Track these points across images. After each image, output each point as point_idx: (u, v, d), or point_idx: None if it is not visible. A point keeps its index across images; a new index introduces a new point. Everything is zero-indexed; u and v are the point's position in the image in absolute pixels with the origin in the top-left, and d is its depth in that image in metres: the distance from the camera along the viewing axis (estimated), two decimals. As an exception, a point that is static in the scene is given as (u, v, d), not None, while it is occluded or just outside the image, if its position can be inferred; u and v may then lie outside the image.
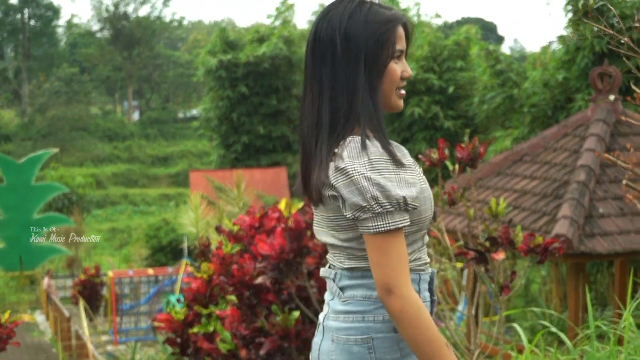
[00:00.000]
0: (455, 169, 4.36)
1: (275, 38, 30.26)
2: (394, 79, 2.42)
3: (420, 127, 21.44)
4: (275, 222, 5.19)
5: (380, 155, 2.30)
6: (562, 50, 17.05)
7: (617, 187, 10.19)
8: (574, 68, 16.32)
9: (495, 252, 4.02)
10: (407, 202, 2.29)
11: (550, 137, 11.90)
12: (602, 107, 11.33)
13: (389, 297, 2.26)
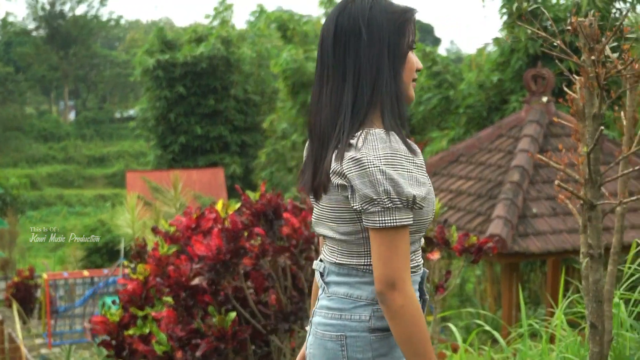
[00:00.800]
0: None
1: (214, 38, 30.16)
2: (412, 68, 2.47)
3: (357, 128, 21.53)
4: (212, 223, 5.17)
5: (396, 151, 2.30)
6: (497, 52, 17.26)
7: (549, 187, 10.36)
8: (509, 70, 16.53)
9: (431, 252, 4.06)
10: (415, 201, 2.30)
11: (485, 138, 12.05)
12: (536, 109, 11.51)
13: (391, 292, 2.27)
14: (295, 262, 4.81)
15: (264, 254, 4.77)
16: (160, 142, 30.60)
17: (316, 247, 4.74)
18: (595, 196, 3.41)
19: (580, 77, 3.45)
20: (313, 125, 2.47)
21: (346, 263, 2.42)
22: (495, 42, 17.03)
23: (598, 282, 3.46)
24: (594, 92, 3.39)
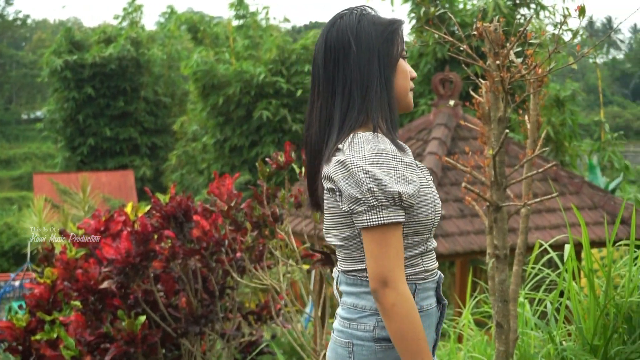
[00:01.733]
0: (302, 172, 4.41)
1: (123, 39, 29.79)
2: (406, 76, 2.51)
3: (268, 130, 21.50)
4: (121, 225, 5.12)
5: (381, 150, 2.33)
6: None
7: (457, 189, 10.52)
8: (417, 74, 16.74)
9: (341, 254, 4.08)
10: (402, 198, 2.31)
11: (395, 140, 12.15)
12: (444, 112, 11.67)
13: (383, 289, 2.30)
14: (206, 264, 4.79)
15: (174, 256, 4.74)
16: (69, 144, 30.11)
17: (226, 250, 4.73)
18: (501, 198, 3.48)
19: (485, 81, 3.52)
20: (306, 141, 2.51)
21: (351, 270, 2.44)
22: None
23: (504, 282, 3.53)
24: (499, 96, 3.46)
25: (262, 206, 4.40)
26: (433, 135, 11.43)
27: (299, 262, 4.34)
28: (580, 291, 4.75)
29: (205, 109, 22.14)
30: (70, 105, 29.42)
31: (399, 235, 2.34)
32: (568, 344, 4.47)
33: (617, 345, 4.44)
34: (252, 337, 5.24)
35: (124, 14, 32.60)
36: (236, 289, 5.04)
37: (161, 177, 29.19)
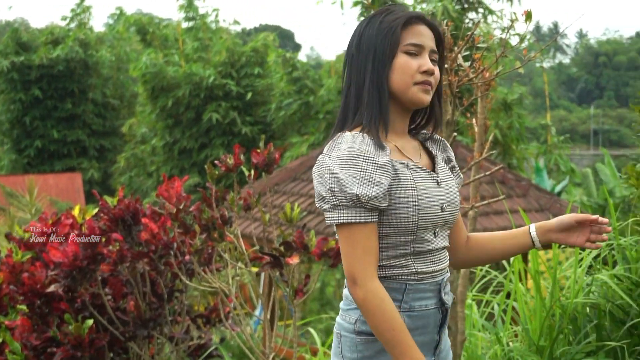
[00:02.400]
0: (251, 175, 4.41)
1: (71, 40, 29.46)
2: (405, 71, 2.48)
3: (218, 133, 21.43)
4: (68, 228, 5.07)
5: (354, 151, 2.38)
6: (356, 58, 17.50)
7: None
8: (368, 77, 16.80)
9: (290, 257, 4.09)
10: (361, 200, 2.36)
11: (344, 143, 12.19)
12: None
13: (353, 287, 2.39)
14: (154, 267, 4.76)
15: (122, 259, 4.71)
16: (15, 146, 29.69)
17: (175, 253, 4.71)
18: (449, 200, 3.51)
19: (434, 85, 3.54)
20: None
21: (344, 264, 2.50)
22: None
23: (452, 284, 3.56)
24: (447, 99, 3.49)
25: (211, 209, 4.38)
26: (382, 138, 11.48)
27: (248, 264, 4.33)
28: (526, 292, 4.80)
29: (155, 111, 22.01)
30: (17, 107, 29.02)
31: (368, 234, 2.40)
32: (515, 345, 4.52)
33: (562, 345, 4.50)
34: (200, 341, 5.21)
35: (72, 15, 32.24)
36: (185, 292, 5.02)
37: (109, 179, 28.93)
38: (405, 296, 2.49)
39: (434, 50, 2.53)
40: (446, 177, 2.59)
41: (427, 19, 2.55)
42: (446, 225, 2.57)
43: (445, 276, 2.58)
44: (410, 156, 2.54)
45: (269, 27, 65.30)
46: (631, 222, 5.18)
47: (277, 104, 19.78)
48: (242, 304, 4.57)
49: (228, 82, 21.45)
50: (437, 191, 2.51)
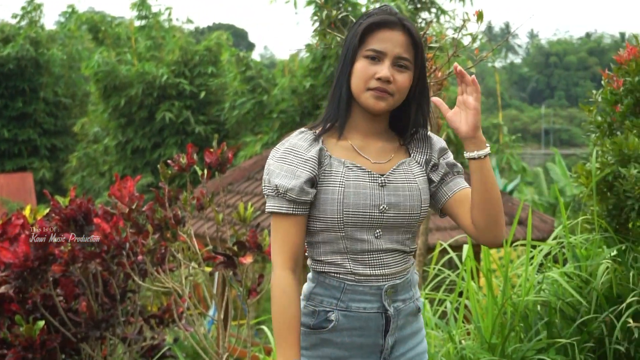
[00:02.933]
0: (204, 174, 4.39)
1: (22, 39, 29.12)
2: (360, 76, 2.52)
3: (171, 132, 21.32)
4: (19, 229, 5.01)
5: (291, 145, 2.53)
6: (309, 58, 17.53)
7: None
8: (321, 76, 16.84)
9: (243, 256, 4.08)
10: (279, 191, 2.50)
11: (298, 142, 12.20)
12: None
13: (271, 272, 2.54)
14: (107, 268, 4.73)
15: (74, 260, 4.66)
16: (-36, 145, 29.32)
17: (128, 253, 4.68)
18: (402, 199, 3.53)
19: (387, 84, 3.56)
20: None
21: None
22: (307, 48, 17.30)
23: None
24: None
25: (164, 209, 4.36)
26: (336, 138, 11.50)
27: (202, 264, 4.32)
28: (479, 291, 4.85)
29: (107, 111, 21.84)
30: (-33, 106, 28.68)
31: (287, 225, 2.52)
32: (467, 343, 4.56)
33: (514, 343, 4.54)
34: (154, 341, 5.19)
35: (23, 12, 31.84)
36: (138, 293, 4.99)
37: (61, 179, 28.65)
38: (343, 295, 2.53)
39: (401, 56, 2.53)
40: (401, 180, 2.57)
41: (401, 24, 2.55)
42: (395, 228, 2.56)
43: (393, 282, 2.57)
44: (368, 156, 2.58)
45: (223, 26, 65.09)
46: (581, 220, 5.25)
47: (231, 103, 19.73)
48: (196, 304, 4.55)
49: (181, 81, 21.36)
50: (375, 192, 2.52)
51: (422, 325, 2.72)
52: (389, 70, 2.52)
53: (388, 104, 2.54)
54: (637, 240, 5.14)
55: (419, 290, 2.73)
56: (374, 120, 2.62)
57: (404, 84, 2.54)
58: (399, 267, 2.58)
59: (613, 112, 5.23)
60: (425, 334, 2.75)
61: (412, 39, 2.55)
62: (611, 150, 5.00)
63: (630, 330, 4.53)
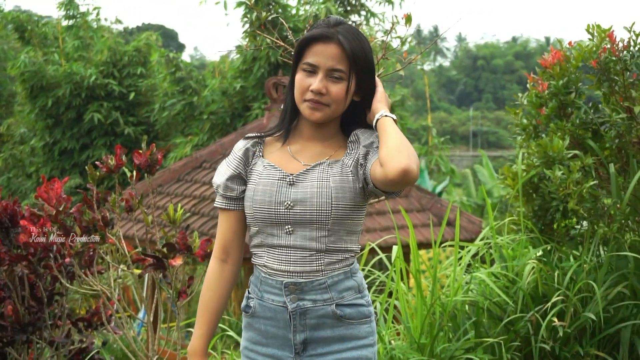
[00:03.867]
0: (133, 176, 4.36)
1: (-56, 37, 28.50)
2: (298, 88, 2.69)
3: (100, 133, 21.05)
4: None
5: (236, 149, 2.79)
6: (239, 59, 17.48)
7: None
8: (251, 77, 16.79)
9: (173, 258, 4.07)
10: (215, 187, 2.81)
11: (228, 144, 12.17)
12: (277, 116, 11.75)
13: None
14: (34, 270, 4.66)
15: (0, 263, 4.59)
16: None
17: (55, 255, 4.62)
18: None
19: (316, 86, 3.57)
20: None
21: None
22: (237, 49, 17.26)
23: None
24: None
25: (92, 210, 4.32)
26: (266, 139, 11.48)
27: (131, 267, 4.29)
28: (408, 291, 4.89)
29: (34, 111, 21.47)
30: None
31: (221, 218, 2.82)
32: (397, 343, 4.60)
33: (442, 343, 4.60)
34: (82, 344, 5.13)
35: None
36: (65, 295, 4.93)
37: (-14, 181, 28.15)
38: (260, 286, 2.72)
39: (335, 68, 2.64)
40: (312, 178, 2.66)
41: (336, 37, 2.65)
42: (305, 224, 2.64)
43: (295, 280, 2.65)
44: (302, 159, 2.71)
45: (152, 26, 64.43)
46: (507, 221, 5.33)
47: (161, 105, 19.57)
48: (125, 307, 4.51)
49: (110, 82, 21.10)
50: (283, 189, 2.65)
51: (363, 335, 2.70)
52: (322, 82, 2.64)
53: (324, 114, 2.68)
54: (561, 241, 5.24)
55: (356, 297, 2.71)
56: (317, 127, 2.75)
57: (339, 94, 2.66)
58: (308, 266, 2.65)
59: (538, 115, 5.33)
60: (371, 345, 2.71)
61: (346, 51, 2.64)
62: (536, 152, 5.09)
63: (555, 329, 4.62)
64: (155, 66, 21.72)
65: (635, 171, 4.96)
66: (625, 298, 4.87)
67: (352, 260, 2.72)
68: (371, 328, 2.72)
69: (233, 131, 14.89)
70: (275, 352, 2.69)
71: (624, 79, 5.05)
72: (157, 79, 21.15)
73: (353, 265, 2.72)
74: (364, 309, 2.71)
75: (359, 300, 2.70)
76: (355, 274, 2.73)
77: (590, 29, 5.19)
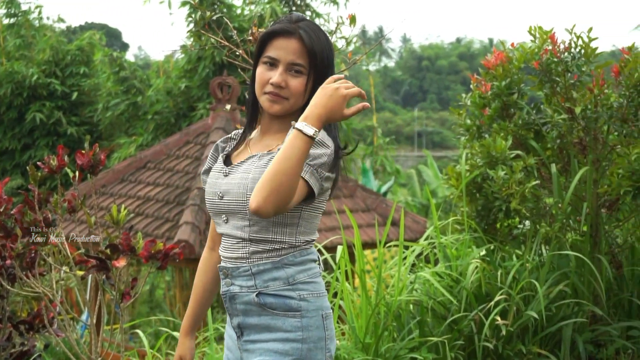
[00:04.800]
0: (75, 176, 4.31)
1: None
2: (258, 80, 2.76)
3: (42, 133, 20.80)
4: None
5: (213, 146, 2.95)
6: (184, 59, 17.38)
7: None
8: (196, 77, 16.72)
9: (117, 259, 4.03)
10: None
11: (172, 144, 12.10)
12: (222, 116, 11.72)
13: None
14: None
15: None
16: None
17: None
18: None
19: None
20: None
21: None
22: (182, 49, 17.17)
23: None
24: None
25: (34, 211, 4.26)
26: (211, 139, 11.46)
27: (73, 268, 4.24)
28: (353, 291, 4.90)
29: None
30: None
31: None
32: (341, 343, 4.61)
33: (387, 342, 4.62)
34: (23, 347, 5.05)
35: None
36: (7, 298, 4.86)
37: None
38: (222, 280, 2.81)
39: (295, 62, 2.71)
40: (241, 170, 2.74)
41: (297, 32, 2.72)
42: (233, 214, 2.72)
43: (226, 265, 2.76)
44: (254, 150, 2.80)
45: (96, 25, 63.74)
46: (451, 221, 5.38)
47: (104, 104, 19.39)
48: (68, 309, 4.46)
49: (52, 81, 20.85)
50: (219, 181, 2.77)
51: (289, 328, 2.67)
52: (282, 76, 2.72)
53: (283, 107, 2.74)
54: (504, 240, 5.30)
55: (284, 288, 2.68)
56: (274, 120, 2.81)
57: (297, 88, 2.72)
58: (234, 252, 2.74)
59: (481, 116, 5.38)
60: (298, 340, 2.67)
61: (307, 46, 2.71)
62: (480, 152, 5.14)
63: (499, 328, 4.67)
64: (99, 65, 21.49)
65: (576, 171, 5.03)
66: (567, 296, 4.93)
67: (286, 251, 2.68)
68: (301, 324, 2.66)
69: (178, 131, 14.79)
70: (232, 334, 2.83)
71: (565, 80, 5.12)
72: (100, 79, 20.94)
73: (286, 257, 2.68)
74: (291, 301, 2.66)
75: (287, 292, 2.67)
76: (289, 266, 2.68)
77: (533, 30, 5.25)
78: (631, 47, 5.21)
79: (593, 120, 5.01)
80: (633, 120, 5.02)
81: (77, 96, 20.85)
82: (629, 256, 5.40)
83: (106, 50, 21.25)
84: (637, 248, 5.41)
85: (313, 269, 2.74)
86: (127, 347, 8.49)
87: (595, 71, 5.16)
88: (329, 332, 2.72)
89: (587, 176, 5.03)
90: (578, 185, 5.02)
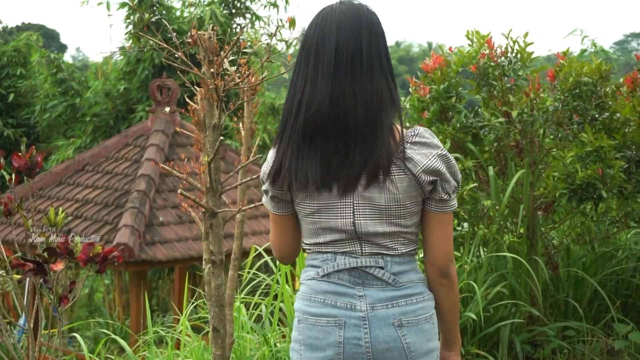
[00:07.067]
0: (12, 179, 4.25)
1: None
2: None
3: (-23, 136, 20.51)
4: None
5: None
6: (123, 61, 17.25)
7: (174, 196, 10.55)
8: (135, 79, 16.60)
9: (54, 263, 3.98)
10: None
11: (111, 146, 12.00)
12: (162, 118, 11.66)
13: None
14: None
15: None
16: None
17: None
18: (216, 204, 3.54)
19: (201, 89, 3.57)
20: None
21: (408, 251, 2.61)
22: (121, 51, 17.03)
23: (220, 287, 3.59)
24: (213, 103, 3.52)
25: (-30, 215, 4.20)
26: (150, 142, 11.38)
27: (10, 272, 4.18)
28: (293, 294, 4.91)
29: None
30: None
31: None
32: (282, 346, 4.61)
33: (327, 344, 4.62)
34: (-42, 353, 4.98)
35: None
36: (-59, 303, 4.78)
37: None
38: None
39: None
40: None
41: None
42: None
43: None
44: None
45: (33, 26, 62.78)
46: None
47: (42, 106, 19.14)
48: (5, 314, 4.40)
49: (-12, 83, 20.56)
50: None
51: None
52: None
53: None
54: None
55: None
56: None
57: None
58: None
59: (420, 119, 5.42)
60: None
61: None
62: (419, 155, 5.17)
63: (437, 329, 4.70)
64: (36, 67, 21.21)
65: (513, 174, 5.10)
66: (504, 297, 4.99)
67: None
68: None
69: (116, 133, 14.68)
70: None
71: (502, 84, 5.19)
72: (37, 80, 20.67)
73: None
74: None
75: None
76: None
77: (470, 35, 5.31)
78: (566, 52, 5.30)
79: (529, 124, 5.08)
80: (568, 123, 5.10)
81: (14, 98, 20.55)
82: (565, 257, 5.50)
83: (43, 51, 20.96)
84: (572, 249, 5.51)
85: (307, 272, 2.75)
86: (65, 352, 8.40)
87: (531, 75, 5.23)
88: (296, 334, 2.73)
89: (523, 179, 5.10)
90: (515, 187, 5.09)
